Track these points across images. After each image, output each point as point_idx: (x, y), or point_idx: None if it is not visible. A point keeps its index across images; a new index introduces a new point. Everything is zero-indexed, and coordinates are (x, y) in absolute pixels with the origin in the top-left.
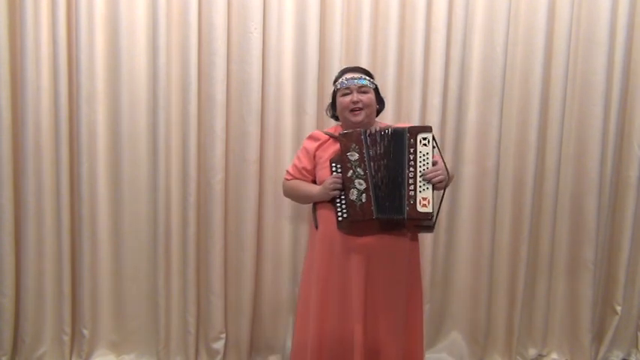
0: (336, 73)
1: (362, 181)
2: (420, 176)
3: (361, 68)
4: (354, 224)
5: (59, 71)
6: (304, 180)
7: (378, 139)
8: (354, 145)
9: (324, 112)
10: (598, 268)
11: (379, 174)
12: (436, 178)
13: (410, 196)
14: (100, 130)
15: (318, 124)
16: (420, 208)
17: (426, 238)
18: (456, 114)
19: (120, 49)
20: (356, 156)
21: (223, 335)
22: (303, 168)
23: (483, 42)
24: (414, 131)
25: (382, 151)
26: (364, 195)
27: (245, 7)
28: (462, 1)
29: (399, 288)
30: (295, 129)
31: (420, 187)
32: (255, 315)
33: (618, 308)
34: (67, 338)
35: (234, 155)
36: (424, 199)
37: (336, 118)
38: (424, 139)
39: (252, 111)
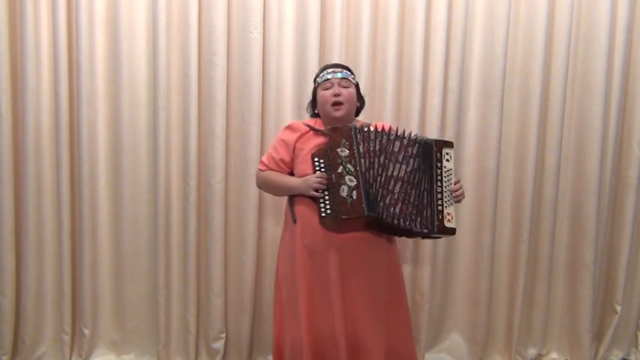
0: None
1: (352, 178)
2: (450, 193)
3: (342, 65)
4: (340, 221)
5: (59, 72)
6: (280, 171)
7: (373, 137)
8: (344, 140)
9: (305, 110)
10: (598, 268)
11: (371, 172)
12: (462, 196)
13: (439, 211)
14: (100, 130)
15: None
16: (447, 224)
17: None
18: (456, 114)
19: (120, 50)
20: (346, 152)
21: (223, 335)
22: (281, 160)
23: (483, 42)
24: (440, 145)
25: (377, 148)
26: (355, 192)
27: (245, 8)
28: (462, 2)
29: (377, 285)
30: None
31: (446, 202)
32: (255, 314)
33: (618, 308)
34: (67, 338)
35: (235, 155)
36: (448, 214)
37: (316, 116)
38: (447, 154)
39: (252, 111)
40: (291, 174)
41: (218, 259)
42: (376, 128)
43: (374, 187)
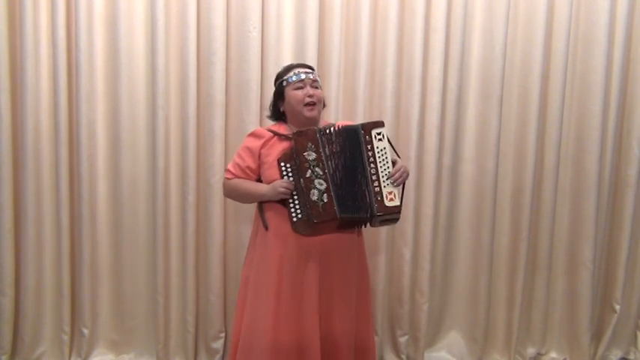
0: (335, 72)
1: (322, 181)
2: (387, 178)
3: (308, 65)
4: (313, 224)
5: (59, 71)
6: (248, 179)
7: (334, 138)
8: (310, 144)
9: (267, 111)
10: (597, 267)
11: (338, 173)
12: (401, 178)
13: (376, 192)
14: (99, 129)
15: None
16: (387, 203)
17: (425, 238)
18: (455, 113)
19: (119, 49)
20: (313, 155)
21: (223, 334)
22: (247, 167)
23: (482, 41)
24: (368, 127)
25: (338, 149)
26: (325, 195)
27: (244, 7)
28: (461, 1)
29: (350, 281)
30: None
31: (384, 182)
32: None
33: (617, 307)
34: (66, 337)
35: (233, 154)
36: (390, 193)
37: (277, 118)
38: (378, 134)
39: (251, 110)
40: (259, 181)
41: (217, 259)
42: (336, 129)
43: (342, 187)
